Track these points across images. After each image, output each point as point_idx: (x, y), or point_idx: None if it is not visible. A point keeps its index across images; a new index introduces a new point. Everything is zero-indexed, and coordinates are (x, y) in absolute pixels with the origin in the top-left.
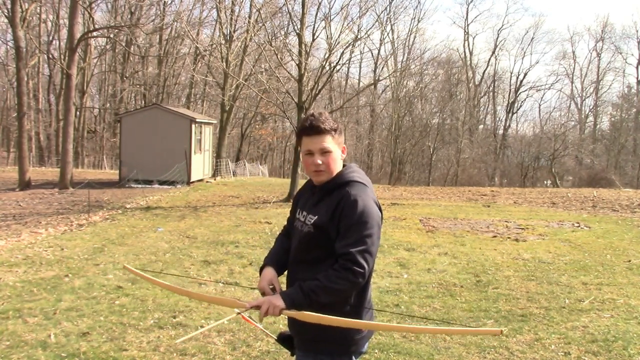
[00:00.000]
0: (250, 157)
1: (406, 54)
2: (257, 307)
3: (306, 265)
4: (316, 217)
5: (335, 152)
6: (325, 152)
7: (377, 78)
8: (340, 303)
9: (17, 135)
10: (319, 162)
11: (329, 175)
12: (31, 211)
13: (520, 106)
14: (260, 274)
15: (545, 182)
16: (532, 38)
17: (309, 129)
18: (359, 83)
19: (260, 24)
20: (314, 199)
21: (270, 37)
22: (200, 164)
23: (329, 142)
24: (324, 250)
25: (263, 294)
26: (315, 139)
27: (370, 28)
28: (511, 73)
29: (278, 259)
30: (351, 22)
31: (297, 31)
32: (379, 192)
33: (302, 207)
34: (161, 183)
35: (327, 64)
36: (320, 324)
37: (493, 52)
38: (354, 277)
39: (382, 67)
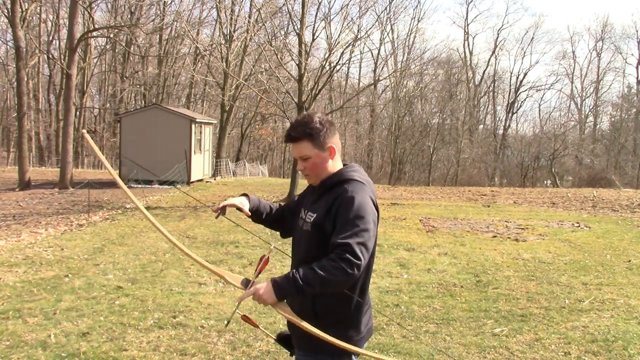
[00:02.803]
0: (250, 157)
1: (406, 54)
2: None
3: (305, 262)
4: (315, 214)
5: (317, 156)
6: (304, 158)
7: (377, 78)
8: (344, 302)
9: (17, 135)
10: (301, 167)
11: (317, 178)
12: (31, 211)
13: (520, 106)
14: None
15: (545, 182)
16: (532, 38)
17: (285, 137)
18: (359, 83)
19: (260, 24)
20: (314, 196)
21: (270, 37)
22: (200, 164)
23: (307, 148)
24: (323, 249)
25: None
26: (293, 147)
27: (370, 28)
28: (511, 73)
29: (258, 201)
30: (351, 22)
31: (297, 31)
32: (379, 192)
33: (305, 205)
34: (161, 183)
35: (327, 64)
36: (319, 324)
37: (493, 52)
38: (350, 268)
39: (382, 67)
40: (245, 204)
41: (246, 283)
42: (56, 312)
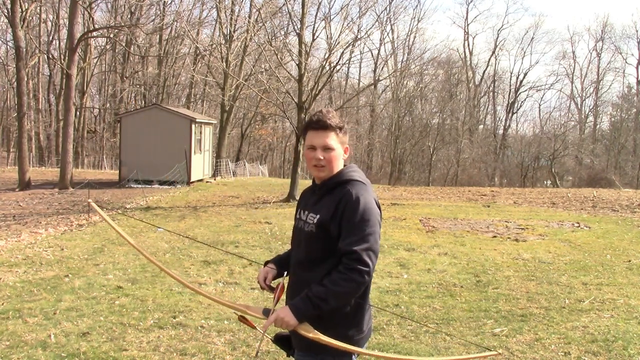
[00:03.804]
0: (250, 157)
1: (406, 54)
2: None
3: (308, 265)
4: (318, 215)
5: (338, 150)
6: (327, 148)
7: (377, 78)
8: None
9: (17, 135)
10: (320, 157)
11: (328, 172)
12: (31, 211)
13: (520, 106)
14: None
15: (545, 182)
16: (532, 38)
17: (315, 123)
18: (359, 83)
19: (260, 24)
20: (315, 197)
21: (270, 37)
22: (200, 164)
23: (333, 139)
24: (326, 250)
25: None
26: (320, 134)
27: (370, 28)
28: (511, 73)
29: (280, 259)
30: (351, 22)
31: (297, 31)
32: (379, 192)
33: (304, 206)
34: (161, 183)
35: (327, 64)
36: (320, 324)
37: (493, 52)
38: (360, 277)
39: (382, 67)
40: (271, 272)
41: (267, 312)
42: (56, 312)
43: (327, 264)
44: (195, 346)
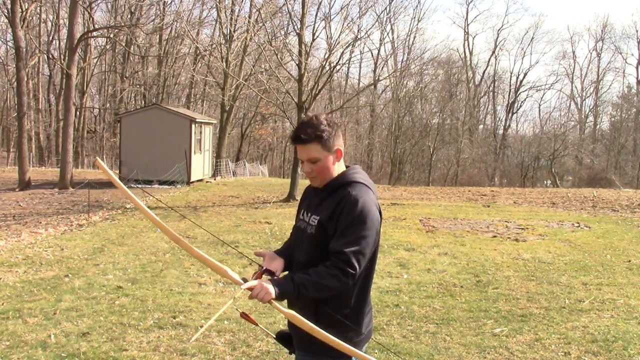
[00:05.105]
0: (250, 157)
1: (406, 54)
2: (250, 289)
3: (308, 265)
4: (319, 217)
5: (325, 159)
6: (312, 161)
7: (377, 78)
8: (340, 305)
9: (17, 135)
10: (309, 170)
11: (322, 180)
12: (31, 211)
13: (520, 106)
14: None
15: (545, 182)
16: (532, 38)
17: (294, 139)
18: (359, 83)
19: (260, 24)
20: (317, 199)
21: (270, 37)
22: (200, 164)
23: (316, 150)
24: (326, 253)
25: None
26: (301, 149)
27: (370, 28)
28: (511, 73)
29: (286, 251)
30: (351, 22)
31: (297, 31)
32: (379, 192)
33: (307, 207)
34: (161, 183)
35: (327, 64)
36: (320, 324)
37: (493, 52)
38: (344, 277)
39: (382, 67)
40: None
41: (245, 281)
42: (56, 312)
43: None
44: (195, 346)
